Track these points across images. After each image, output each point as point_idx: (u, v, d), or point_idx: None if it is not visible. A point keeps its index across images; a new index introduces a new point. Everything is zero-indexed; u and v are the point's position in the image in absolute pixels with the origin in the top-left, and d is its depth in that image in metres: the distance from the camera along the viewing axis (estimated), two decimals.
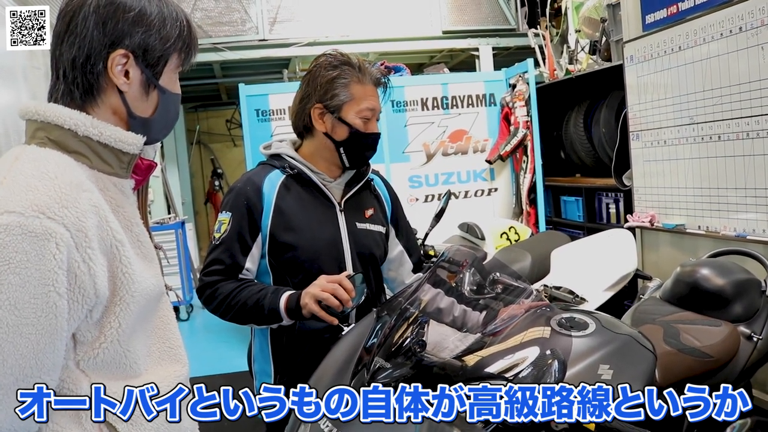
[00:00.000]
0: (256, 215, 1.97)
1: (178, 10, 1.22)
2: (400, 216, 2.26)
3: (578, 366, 1.58)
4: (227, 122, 11.23)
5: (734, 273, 2.42)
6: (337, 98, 1.98)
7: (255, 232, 1.98)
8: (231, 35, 6.38)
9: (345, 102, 1.98)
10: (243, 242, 1.97)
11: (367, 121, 2.01)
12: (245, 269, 1.98)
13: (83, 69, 1.13)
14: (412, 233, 2.32)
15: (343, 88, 1.97)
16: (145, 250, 1.21)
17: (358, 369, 1.65)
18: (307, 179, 2.04)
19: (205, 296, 1.98)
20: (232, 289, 1.93)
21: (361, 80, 1.99)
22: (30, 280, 0.97)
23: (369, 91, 2.01)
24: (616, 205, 4.94)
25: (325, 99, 1.98)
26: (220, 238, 1.98)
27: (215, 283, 1.96)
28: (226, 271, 1.96)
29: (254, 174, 2.06)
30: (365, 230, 2.08)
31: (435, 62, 7.25)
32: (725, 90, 3.34)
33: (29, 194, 0.99)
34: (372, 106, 2.00)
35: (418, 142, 5.36)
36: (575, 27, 5.43)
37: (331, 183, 2.07)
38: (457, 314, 1.91)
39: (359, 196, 2.13)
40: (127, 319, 1.11)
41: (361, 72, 1.99)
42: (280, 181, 2.03)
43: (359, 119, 1.99)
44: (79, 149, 1.13)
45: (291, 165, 2.04)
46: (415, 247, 2.31)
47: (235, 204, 1.99)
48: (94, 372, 1.10)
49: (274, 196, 2.00)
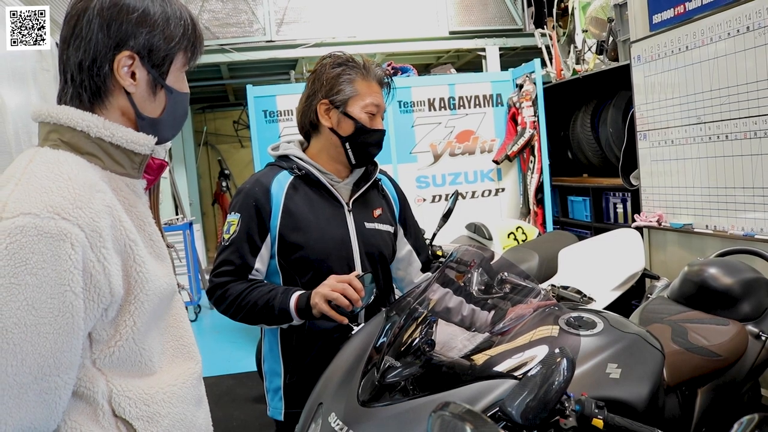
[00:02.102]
0: (264, 216, 1.99)
1: (182, 9, 1.23)
2: (408, 216, 2.28)
3: (586, 365, 1.58)
4: (235, 123, 11.27)
5: (742, 272, 2.41)
6: (343, 93, 2.01)
7: (264, 233, 1.99)
8: (238, 36, 6.41)
9: (350, 97, 2.01)
10: (252, 243, 1.98)
11: (372, 117, 2.04)
12: (255, 270, 1.99)
13: (90, 72, 1.15)
14: (420, 233, 2.33)
15: (348, 83, 2.01)
16: (158, 249, 1.23)
17: (368, 368, 1.66)
18: (315, 180, 2.05)
19: (215, 297, 1.99)
20: (243, 289, 1.94)
21: (365, 77, 2.03)
22: (46, 280, 0.98)
23: (374, 87, 2.04)
24: (623, 205, 4.94)
25: (331, 94, 2.01)
26: (229, 239, 1.99)
27: (225, 284, 1.97)
28: (236, 271, 1.98)
29: (262, 175, 2.07)
30: (374, 230, 2.10)
31: (442, 63, 7.26)
32: (732, 89, 3.33)
33: (44, 196, 1.00)
34: (377, 102, 2.04)
35: (426, 142, 5.37)
36: (582, 27, 5.43)
37: (339, 183, 2.09)
38: (466, 313, 1.91)
39: (367, 196, 2.14)
40: (141, 318, 1.13)
41: (365, 69, 2.03)
42: (289, 182, 2.04)
43: (364, 114, 2.02)
44: (92, 150, 1.14)
45: (299, 166, 2.05)
46: (424, 246, 2.32)
47: (244, 205, 2.00)
48: (110, 370, 1.11)
49: (282, 196, 2.01)
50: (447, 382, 1.53)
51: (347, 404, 1.56)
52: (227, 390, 4.97)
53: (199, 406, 1.29)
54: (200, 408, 1.30)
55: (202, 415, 1.31)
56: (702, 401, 2.04)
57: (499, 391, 1.45)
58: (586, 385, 1.50)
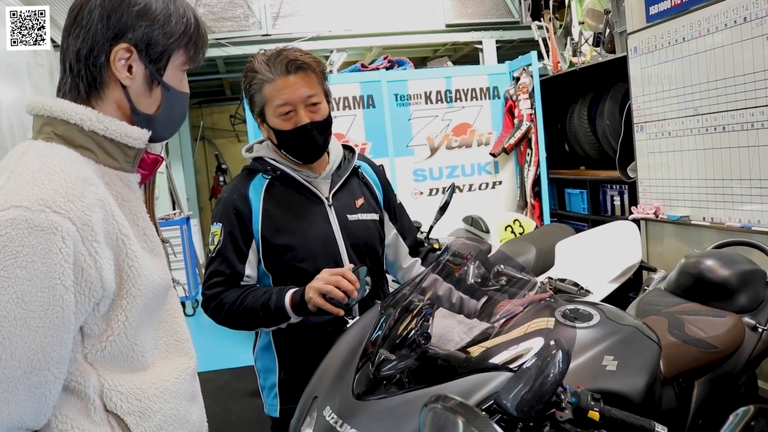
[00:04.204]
0: (246, 222, 1.97)
1: (185, 7, 1.22)
2: (392, 199, 2.24)
3: (582, 357, 1.58)
4: (231, 118, 11.24)
5: (739, 264, 2.41)
6: (257, 105, 1.96)
7: (248, 239, 1.98)
8: (234, 30, 6.39)
9: (263, 106, 1.95)
10: (239, 250, 1.97)
11: (287, 117, 1.93)
12: (246, 276, 1.98)
13: (87, 61, 1.14)
14: (406, 215, 2.29)
15: (257, 93, 1.94)
16: (152, 244, 1.22)
17: (363, 361, 1.65)
18: (291, 179, 2.02)
19: (210, 309, 1.98)
20: (236, 297, 1.93)
21: (267, 78, 1.91)
22: (37, 273, 0.97)
23: (280, 84, 1.90)
24: (620, 197, 4.94)
25: (253, 110, 1.98)
26: (215, 249, 1.98)
27: (218, 295, 1.96)
28: (227, 281, 1.97)
29: (239, 181, 2.05)
30: (357, 221, 2.07)
31: (438, 56, 7.24)
32: (730, 81, 3.32)
33: (35, 189, 1.00)
34: (284, 100, 1.90)
35: (422, 135, 5.36)
36: (579, 19, 5.42)
37: (316, 179, 2.05)
38: (455, 301, 1.91)
39: (347, 187, 2.10)
40: (134, 313, 1.12)
41: (268, 68, 1.90)
42: (265, 184, 2.02)
43: (277, 118, 1.93)
44: (85, 144, 1.13)
45: (273, 167, 2.02)
46: (410, 229, 2.28)
47: (225, 214, 1.99)
48: (101, 365, 1.11)
49: (260, 200, 1.99)
50: (442, 375, 1.52)
51: (342, 398, 1.56)
52: (225, 385, 4.98)
53: (192, 402, 1.29)
54: (194, 404, 1.30)
55: (196, 410, 1.30)
56: (699, 393, 2.04)
57: (494, 383, 1.45)
58: (582, 378, 1.50)
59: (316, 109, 1.95)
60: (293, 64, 1.90)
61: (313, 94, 1.94)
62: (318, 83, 1.95)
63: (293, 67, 1.90)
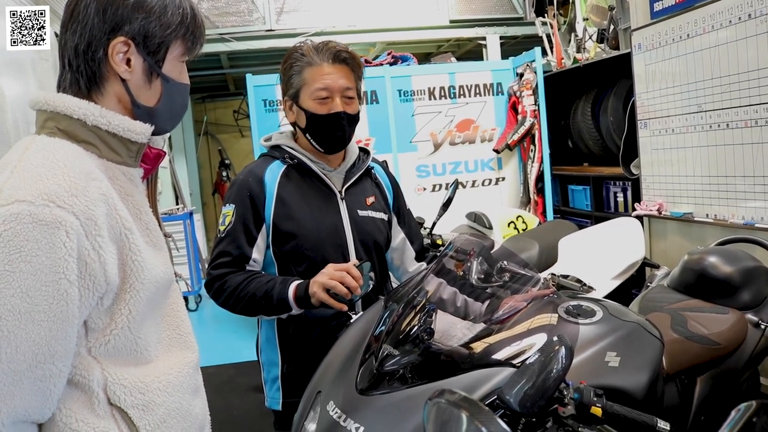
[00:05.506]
0: (259, 206, 1.99)
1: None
2: (401, 204, 2.27)
3: (585, 353, 1.58)
4: (235, 113, 11.23)
5: (742, 261, 2.41)
6: (293, 87, 2.00)
7: (259, 223, 1.99)
8: (238, 25, 6.38)
9: (299, 88, 1.99)
10: (248, 233, 1.98)
11: (323, 102, 1.98)
12: (252, 260, 1.99)
13: (85, 56, 1.15)
14: (414, 221, 2.33)
15: (297, 75, 1.99)
16: (155, 239, 1.22)
17: (367, 356, 1.65)
18: (307, 168, 2.05)
19: (213, 290, 1.99)
20: (241, 281, 1.94)
21: (312, 62, 1.97)
22: (41, 268, 0.98)
23: (322, 70, 1.97)
24: (623, 194, 4.92)
25: (287, 91, 2.02)
26: (225, 230, 1.99)
27: (223, 276, 1.97)
28: (234, 262, 1.98)
29: (256, 166, 2.07)
30: (367, 217, 2.09)
31: (442, 51, 7.22)
32: (734, 78, 3.32)
33: (39, 183, 1.00)
34: (325, 86, 1.96)
35: (426, 131, 5.35)
36: (583, 15, 5.41)
37: (331, 172, 2.08)
38: (459, 305, 1.91)
39: (360, 185, 2.14)
40: (137, 307, 1.12)
41: (315, 53, 1.97)
42: (281, 171, 2.04)
43: (313, 101, 1.97)
44: (88, 139, 1.14)
45: (291, 155, 2.05)
46: (417, 234, 2.31)
47: (238, 196, 2.00)
48: (105, 359, 1.11)
49: (275, 186, 2.01)
50: (445, 370, 1.52)
51: (345, 392, 1.56)
52: (228, 379, 4.99)
53: (195, 395, 1.29)
54: (197, 397, 1.30)
55: (199, 404, 1.31)
56: (701, 390, 2.04)
57: (497, 379, 1.45)
58: (585, 374, 1.50)
59: (350, 102, 2.02)
60: (340, 54, 1.99)
61: (351, 88, 2.01)
62: (355, 80, 2.03)
63: (340, 58, 1.99)
